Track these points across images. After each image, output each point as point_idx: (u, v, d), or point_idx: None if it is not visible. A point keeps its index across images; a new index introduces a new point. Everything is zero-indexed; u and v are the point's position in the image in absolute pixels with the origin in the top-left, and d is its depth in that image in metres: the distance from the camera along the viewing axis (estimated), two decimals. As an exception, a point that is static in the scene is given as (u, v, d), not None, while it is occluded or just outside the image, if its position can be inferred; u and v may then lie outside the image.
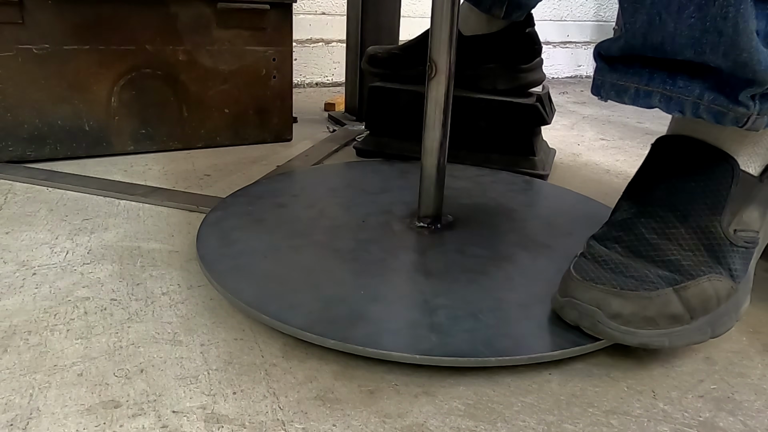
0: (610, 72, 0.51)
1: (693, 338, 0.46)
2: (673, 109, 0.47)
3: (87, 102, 0.91)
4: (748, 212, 0.50)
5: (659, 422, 0.41)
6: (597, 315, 0.45)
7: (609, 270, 0.47)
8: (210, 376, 0.44)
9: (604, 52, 0.51)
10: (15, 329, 0.49)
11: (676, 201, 0.49)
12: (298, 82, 1.73)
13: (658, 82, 0.47)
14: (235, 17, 0.98)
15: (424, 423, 0.40)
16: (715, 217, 0.48)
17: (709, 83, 0.46)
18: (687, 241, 0.48)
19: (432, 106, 0.61)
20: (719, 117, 0.46)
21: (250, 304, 0.49)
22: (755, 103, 0.45)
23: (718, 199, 0.48)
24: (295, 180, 0.83)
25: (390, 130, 1.00)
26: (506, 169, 0.91)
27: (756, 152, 0.51)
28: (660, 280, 0.46)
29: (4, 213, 0.72)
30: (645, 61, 0.48)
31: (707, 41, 0.42)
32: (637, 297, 0.45)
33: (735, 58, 0.42)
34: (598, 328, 0.45)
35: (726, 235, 0.48)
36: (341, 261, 0.58)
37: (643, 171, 0.53)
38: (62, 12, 0.86)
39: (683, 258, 0.47)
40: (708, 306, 0.46)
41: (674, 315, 0.45)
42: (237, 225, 0.65)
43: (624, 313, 0.45)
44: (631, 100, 0.49)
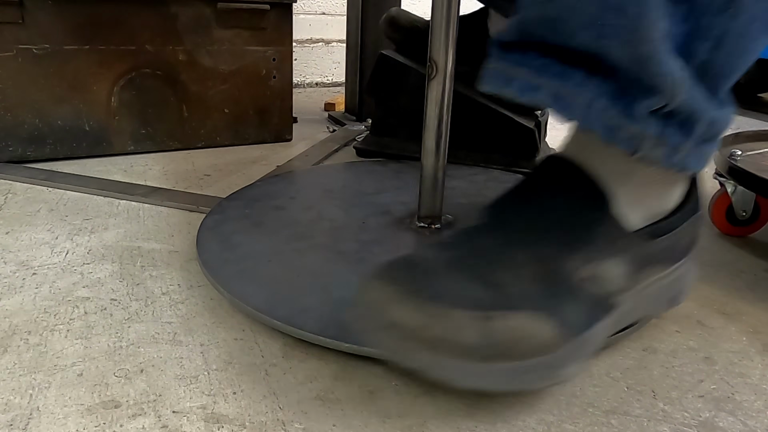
0: (501, 59, 0.43)
1: (486, 383, 0.37)
2: (561, 109, 0.40)
3: (87, 102, 0.91)
4: (610, 264, 0.41)
5: (659, 422, 0.41)
6: (374, 321, 0.37)
7: (418, 272, 0.39)
8: (210, 376, 0.44)
9: (500, 37, 0.44)
10: (15, 329, 0.49)
11: (530, 224, 0.42)
12: (298, 82, 1.73)
13: (550, 75, 0.40)
14: (235, 17, 0.98)
15: (424, 423, 0.40)
16: (565, 253, 0.40)
17: (606, 86, 0.39)
18: (525, 269, 0.39)
19: (432, 105, 0.61)
20: (610, 132, 0.39)
21: (258, 309, 0.49)
22: (653, 123, 0.38)
23: (575, 236, 0.41)
24: (293, 181, 0.83)
25: (391, 108, 0.97)
26: (506, 169, 0.91)
27: (640, 200, 0.44)
28: (465, 300, 0.37)
29: (4, 213, 0.72)
30: (542, 49, 0.41)
31: (607, 21, 0.36)
32: (422, 310, 0.36)
33: (636, 49, 0.36)
34: (371, 337, 0.38)
35: (572, 277, 0.39)
36: (347, 263, 0.58)
37: (515, 187, 0.46)
38: (62, 12, 0.86)
39: (512, 284, 0.38)
40: (516, 349, 0.36)
41: (465, 345, 0.36)
42: (237, 228, 0.64)
43: (403, 326, 0.36)
44: (518, 92, 0.41)
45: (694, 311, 0.56)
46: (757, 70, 1.75)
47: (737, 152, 0.73)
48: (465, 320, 0.36)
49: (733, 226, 0.73)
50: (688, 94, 0.38)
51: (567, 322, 0.38)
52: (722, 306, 0.57)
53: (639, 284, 0.44)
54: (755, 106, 1.75)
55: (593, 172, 0.43)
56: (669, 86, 0.37)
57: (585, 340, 0.39)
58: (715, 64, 0.39)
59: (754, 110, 1.69)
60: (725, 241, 0.73)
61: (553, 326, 0.37)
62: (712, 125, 0.41)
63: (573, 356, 0.39)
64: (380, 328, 0.37)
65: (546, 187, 0.44)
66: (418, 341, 0.36)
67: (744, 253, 0.70)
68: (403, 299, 0.36)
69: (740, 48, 0.39)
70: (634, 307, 0.45)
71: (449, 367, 0.36)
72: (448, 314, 0.36)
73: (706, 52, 0.38)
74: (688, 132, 0.40)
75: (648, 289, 0.46)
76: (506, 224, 0.42)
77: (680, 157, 0.41)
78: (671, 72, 0.36)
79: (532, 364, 0.37)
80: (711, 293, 0.60)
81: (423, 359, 0.36)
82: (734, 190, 0.71)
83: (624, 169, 0.43)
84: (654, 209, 0.45)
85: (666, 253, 0.46)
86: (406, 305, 0.36)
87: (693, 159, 0.42)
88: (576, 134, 0.46)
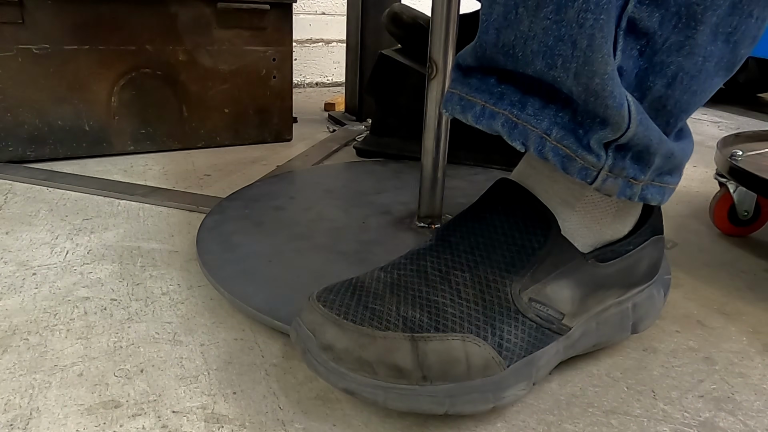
0: (461, 84, 0.43)
1: (421, 405, 0.37)
2: (516, 138, 0.40)
3: (87, 102, 0.92)
4: (557, 287, 0.41)
5: (659, 422, 0.41)
6: (309, 342, 0.38)
7: (354, 297, 0.39)
8: (210, 376, 0.44)
9: (462, 60, 0.44)
10: (15, 329, 0.49)
11: (475, 245, 0.41)
12: (298, 82, 1.73)
13: (507, 104, 0.40)
14: (235, 17, 0.98)
15: (424, 423, 0.40)
16: (508, 274, 0.40)
17: (561, 117, 0.38)
18: (467, 290, 0.39)
19: (431, 105, 0.61)
20: (566, 162, 0.39)
21: (259, 310, 0.49)
22: (607, 155, 0.38)
23: (520, 257, 0.40)
24: (293, 181, 0.82)
25: (391, 108, 0.97)
26: (507, 169, 0.91)
27: (588, 225, 0.44)
28: (400, 321, 0.37)
29: (4, 213, 0.72)
30: (501, 75, 0.41)
31: (560, 52, 0.36)
32: (356, 331, 0.37)
33: (587, 82, 0.36)
34: (305, 357, 0.38)
35: (514, 298, 0.39)
36: (348, 263, 0.58)
37: (465, 210, 0.46)
38: (62, 12, 0.86)
39: (451, 305, 0.38)
40: (452, 371, 0.37)
41: (399, 368, 0.36)
42: (237, 228, 0.64)
43: (337, 347, 0.36)
44: (475, 119, 0.42)
45: (694, 311, 0.56)
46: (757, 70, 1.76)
47: (738, 152, 0.73)
48: (398, 342, 0.36)
49: (735, 227, 0.73)
50: (642, 127, 0.38)
51: (506, 345, 0.38)
52: (722, 306, 0.57)
53: (591, 309, 0.44)
54: (755, 106, 1.75)
55: (541, 195, 0.43)
56: (621, 119, 0.36)
57: (528, 364, 0.39)
58: (670, 100, 0.39)
59: (754, 110, 1.69)
60: (725, 241, 0.73)
61: (490, 349, 0.38)
62: (670, 158, 0.41)
63: (515, 379, 0.39)
64: (314, 350, 0.37)
65: (493, 209, 0.43)
66: (351, 363, 0.36)
67: (744, 253, 0.70)
68: (337, 321, 0.37)
69: (694, 86, 0.39)
70: (587, 332, 0.44)
71: (383, 389, 0.36)
72: (381, 336, 0.36)
73: (661, 89, 0.38)
74: (644, 165, 0.40)
75: (603, 314, 0.45)
76: (452, 246, 0.42)
77: (637, 189, 0.41)
78: (621, 105, 0.36)
79: (468, 386, 0.37)
80: (711, 293, 0.60)
81: (356, 381, 0.36)
82: (736, 190, 0.72)
83: (572, 193, 0.43)
84: (605, 234, 0.45)
85: (620, 277, 0.45)
86: (339, 327, 0.37)
87: (653, 191, 0.42)
88: (528, 158, 0.45)
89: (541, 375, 0.41)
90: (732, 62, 0.39)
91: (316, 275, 0.55)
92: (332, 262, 0.58)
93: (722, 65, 0.39)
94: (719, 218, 0.74)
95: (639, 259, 0.45)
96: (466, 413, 0.38)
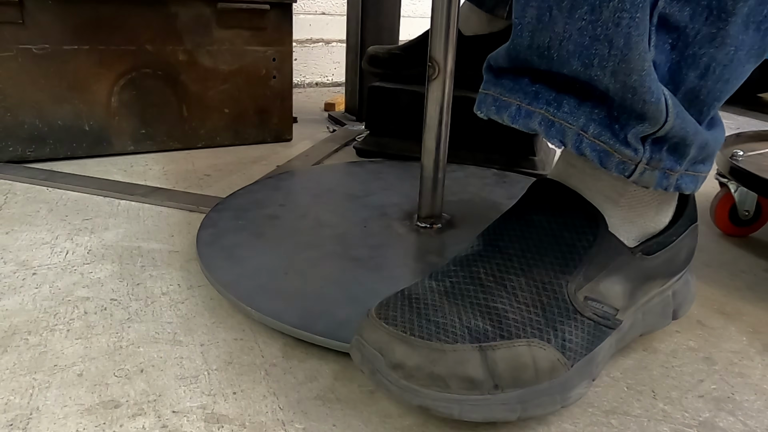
0: (495, 85, 0.44)
1: (495, 413, 0.37)
2: (554, 136, 0.41)
3: (87, 102, 0.91)
4: (609, 283, 0.42)
5: (659, 422, 0.41)
6: (377, 361, 0.37)
7: (414, 310, 0.39)
8: (210, 376, 0.44)
9: (493, 62, 0.45)
10: (15, 329, 0.49)
11: (525, 248, 0.42)
12: (298, 82, 1.73)
13: (543, 102, 0.41)
14: (235, 17, 0.98)
15: (424, 423, 0.40)
16: (563, 275, 0.40)
17: (597, 113, 0.39)
18: (523, 294, 0.39)
19: (432, 106, 0.61)
20: (603, 157, 0.39)
21: (297, 327, 0.47)
22: (645, 149, 0.39)
23: (571, 257, 0.41)
24: (277, 187, 0.82)
25: (390, 130, 1.00)
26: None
27: (633, 219, 0.45)
28: (466, 332, 0.37)
29: (4, 213, 0.72)
30: (534, 75, 0.42)
31: (596, 52, 0.37)
32: (426, 347, 0.36)
33: (624, 79, 0.36)
34: (375, 378, 0.37)
35: (571, 298, 0.40)
36: (367, 270, 0.56)
37: (507, 212, 0.46)
38: (62, 12, 0.86)
39: (511, 310, 0.39)
40: (521, 377, 0.37)
41: (471, 379, 0.36)
42: (238, 241, 0.61)
43: (407, 365, 0.36)
44: (511, 118, 0.43)
45: (694, 311, 0.56)
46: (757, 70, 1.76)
47: (739, 153, 0.73)
48: (467, 354, 0.36)
49: (736, 227, 0.73)
50: (678, 120, 0.38)
51: (569, 342, 0.39)
52: (722, 306, 0.57)
53: (638, 301, 0.45)
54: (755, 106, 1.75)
55: (585, 193, 0.44)
56: (659, 114, 0.37)
57: (588, 362, 0.40)
58: (703, 91, 0.40)
59: (754, 110, 1.69)
60: (725, 241, 0.73)
61: (554, 351, 0.38)
62: (704, 148, 0.42)
63: (579, 378, 0.39)
64: (384, 369, 0.37)
65: (539, 210, 0.44)
66: (423, 379, 0.36)
67: (744, 253, 0.70)
68: (404, 338, 0.37)
69: (727, 75, 0.39)
70: (635, 323, 0.45)
71: (458, 402, 0.36)
72: (451, 349, 0.36)
73: (694, 80, 0.39)
74: (680, 156, 0.41)
75: (648, 304, 0.46)
76: (501, 250, 0.42)
77: (673, 179, 0.41)
78: (659, 100, 0.37)
79: (539, 390, 0.38)
80: (711, 293, 0.60)
81: (430, 397, 0.36)
82: (737, 190, 0.72)
83: (615, 189, 0.43)
84: (648, 227, 0.46)
85: (664, 268, 0.46)
86: (408, 344, 0.36)
87: (687, 181, 0.43)
88: (566, 157, 0.46)
89: (599, 371, 0.42)
90: (762, 49, 0.40)
91: (340, 284, 0.54)
92: (350, 269, 0.57)
93: (753, 53, 0.40)
94: (720, 218, 0.74)
95: (680, 248, 0.47)
96: (536, 416, 0.39)
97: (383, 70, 1.01)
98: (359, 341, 0.38)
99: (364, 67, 1.05)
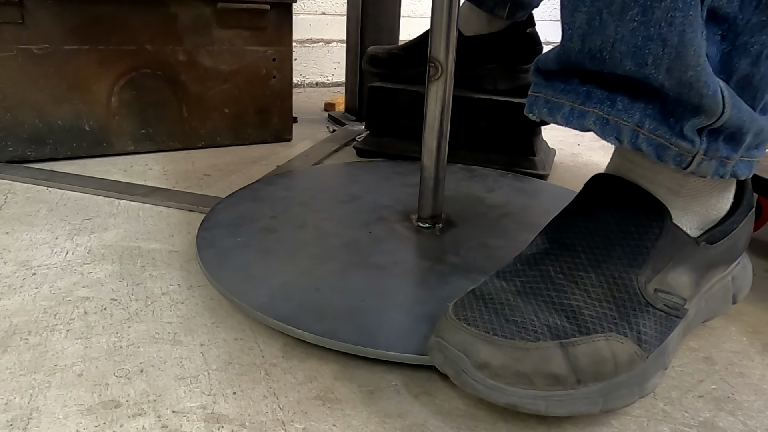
0: (545, 87, 0.45)
1: (578, 407, 0.38)
2: (609, 134, 0.41)
3: (87, 102, 0.91)
4: (676, 274, 0.43)
5: (659, 422, 0.41)
6: (462, 362, 0.38)
7: (491, 310, 0.40)
8: (210, 376, 0.44)
9: (542, 65, 0.46)
10: (15, 329, 0.49)
11: (593, 244, 0.43)
12: (298, 82, 1.73)
13: (596, 102, 0.42)
14: (235, 17, 0.98)
15: (424, 423, 0.40)
16: (632, 269, 0.41)
17: (652, 109, 0.40)
18: (595, 289, 0.41)
19: (432, 106, 0.61)
20: (660, 151, 0.40)
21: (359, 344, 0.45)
22: (702, 140, 0.39)
23: (640, 250, 0.42)
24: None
25: (390, 130, 1.00)
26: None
27: (694, 209, 0.45)
28: (546, 329, 0.39)
29: (4, 213, 0.72)
30: (584, 76, 0.43)
31: (650, 51, 0.37)
32: (510, 346, 0.37)
33: (680, 75, 0.37)
34: (461, 378, 0.38)
35: (642, 291, 0.41)
36: (398, 277, 0.55)
37: (568, 208, 0.47)
38: (62, 12, 0.86)
39: (585, 306, 0.40)
40: (602, 371, 0.38)
41: (555, 375, 0.37)
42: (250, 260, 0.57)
43: (493, 364, 0.37)
44: (565, 119, 0.43)
45: (694, 311, 0.56)
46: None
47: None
48: (550, 351, 0.38)
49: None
50: (735, 110, 0.39)
51: (645, 334, 0.40)
52: (722, 306, 0.57)
53: (703, 289, 0.46)
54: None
55: (647, 186, 0.44)
56: (715, 106, 0.38)
57: (661, 352, 0.41)
58: (756, 77, 0.40)
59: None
60: (725, 241, 0.73)
61: (632, 344, 0.39)
62: (759, 134, 0.43)
63: (653, 368, 0.41)
64: (470, 370, 0.38)
65: (602, 205, 0.45)
66: (509, 378, 0.37)
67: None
68: (488, 339, 0.38)
69: None
70: (699, 310, 0.47)
71: (543, 398, 0.37)
72: (534, 347, 0.38)
73: (747, 68, 0.39)
74: (736, 144, 0.41)
75: (710, 291, 0.48)
76: (568, 247, 0.43)
77: (729, 167, 0.42)
78: (716, 93, 0.38)
79: (618, 382, 0.39)
80: (711, 293, 0.60)
81: (517, 395, 0.37)
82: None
83: (676, 181, 0.44)
84: (710, 215, 0.47)
85: (726, 255, 0.47)
86: (492, 344, 0.38)
87: (742, 167, 0.43)
88: (622, 152, 0.47)
89: (670, 360, 0.43)
90: None
91: (382, 295, 0.52)
92: (380, 278, 0.55)
93: None
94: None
95: (741, 235, 0.48)
96: (617, 409, 0.40)
97: (383, 70, 1.01)
98: (440, 343, 0.39)
99: (364, 67, 1.05)
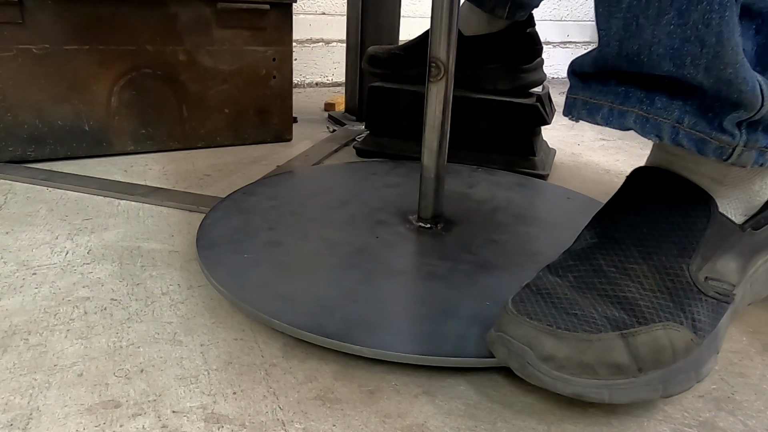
0: (583, 89, 0.46)
1: (640, 395, 0.40)
2: (650, 132, 0.42)
3: (87, 102, 0.91)
4: (724, 261, 0.44)
5: (659, 422, 0.41)
6: (527, 355, 0.40)
7: (550, 304, 0.42)
8: (210, 376, 0.44)
9: (578, 68, 0.47)
10: (15, 329, 0.49)
11: (642, 236, 0.44)
12: (298, 82, 1.73)
13: (634, 101, 0.43)
14: (235, 17, 0.98)
15: (424, 423, 0.40)
16: (683, 258, 0.43)
17: (690, 105, 0.41)
18: (648, 281, 0.42)
19: (432, 106, 0.61)
20: (701, 145, 0.41)
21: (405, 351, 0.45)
22: (741, 132, 0.40)
23: (689, 240, 0.43)
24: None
25: (390, 130, 1.00)
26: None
27: (738, 197, 0.46)
28: (606, 321, 0.40)
29: (4, 213, 0.72)
30: (621, 77, 0.44)
31: (687, 52, 0.38)
32: (574, 338, 0.39)
33: (718, 74, 0.38)
34: (527, 371, 0.40)
35: (694, 280, 0.42)
36: (427, 281, 0.55)
37: (612, 202, 0.48)
38: (62, 12, 0.86)
39: (641, 297, 0.41)
40: (661, 359, 0.40)
41: (618, 365, 0.39)
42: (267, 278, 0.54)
43: (558, 356, 0.39)
44: (605, 120, 0.44)
45: (694, 311, 0.56)
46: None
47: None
48: (612, 341, 0.39)
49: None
50: None
51: (699, 321, 0.42)
52: (722, 306, 0.57)
53: (748, 273, 0.47)
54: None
55: (691, 177, 0.46)
56: (755, 100, 0.38)
57: (714, 337, 0.43)
58: None
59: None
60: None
61: (687, 332, 0.41)
62: None
63: (708, 353, 0.42)
64: (536, 362, 0.39)
65: (648, 198, 0.46)
66: (574, 368, 0.39)
67: (744, 253, 0.70)
68: (552, 332, 0.40)
69: None
70: (744, 294, 0.48)
71: (607, 387, 0.39)
72: (597, 339, 0.39)
73: None
74: None
75: (755, 275, 0.49)
76: (618, 241, 0.45)
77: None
78: (754, 87, 0.38)
79: (676, 368, 0.40)
80: (711, 293, 0.60)
81: (582, 384, 0.39)
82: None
83: (719, 170, 0.45)
84: (753, 201, 0.48)
85: None
86: (556, 337, 0.39)
87: None
88: (662, 147, 0.48)
89: (721, 345, 0.45)
90: None
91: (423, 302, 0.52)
92: (413, 283, 0.55)
93: None
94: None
95: None
96: (676, 394, 0.41)
97: (383, 70, 1.01)
98: (503, 337, 0.41)
99: (364, 67, 1.05)
